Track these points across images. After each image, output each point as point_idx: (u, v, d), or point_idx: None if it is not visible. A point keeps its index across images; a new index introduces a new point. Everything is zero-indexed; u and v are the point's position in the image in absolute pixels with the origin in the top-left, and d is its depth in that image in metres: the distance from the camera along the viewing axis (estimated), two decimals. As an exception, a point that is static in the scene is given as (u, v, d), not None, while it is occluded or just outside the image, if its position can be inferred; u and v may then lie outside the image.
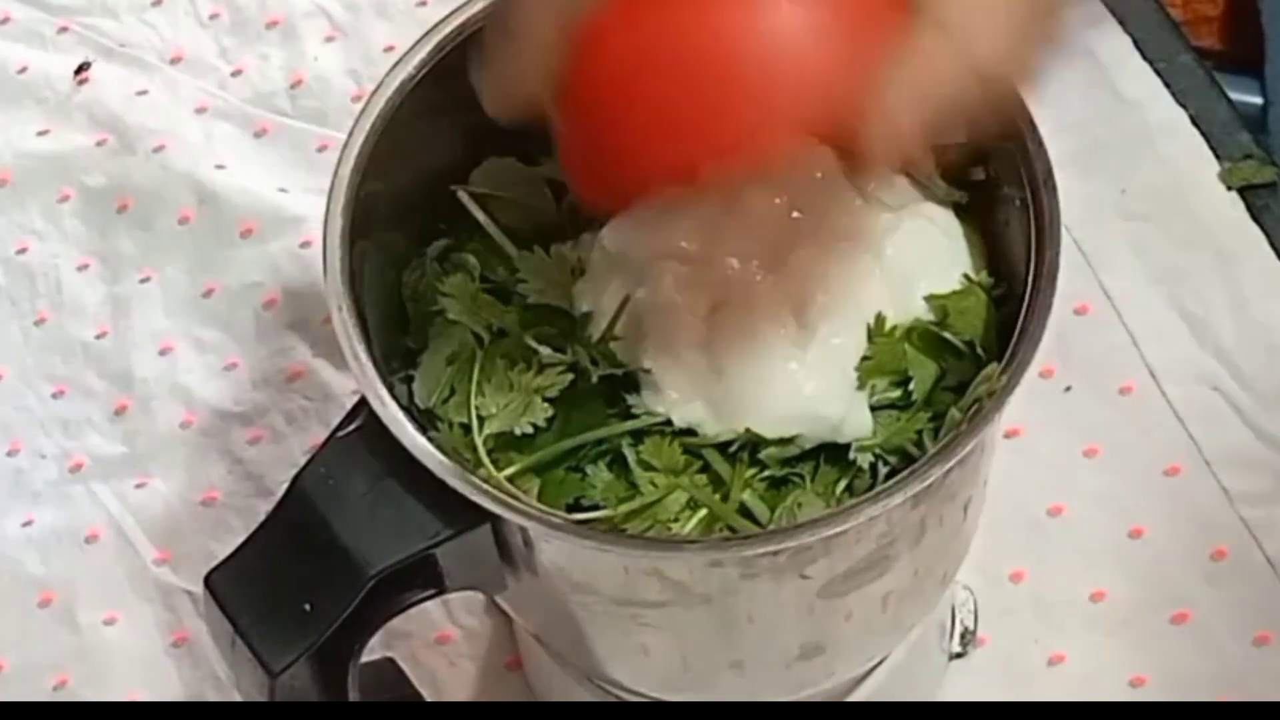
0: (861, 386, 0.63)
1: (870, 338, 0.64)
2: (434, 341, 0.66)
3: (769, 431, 0.63)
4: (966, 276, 0.66)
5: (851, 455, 0.63)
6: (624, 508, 0.62)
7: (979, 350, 0.64)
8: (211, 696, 0.84)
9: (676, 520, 0.62)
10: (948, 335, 0.64)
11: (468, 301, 0.66)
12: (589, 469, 0.63)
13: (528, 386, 0.64)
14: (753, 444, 0.63)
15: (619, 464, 0.64)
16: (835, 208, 0.65)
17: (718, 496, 0.62)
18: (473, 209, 0.69)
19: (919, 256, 0.66)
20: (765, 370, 0.63)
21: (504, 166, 0.69)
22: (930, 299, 0.65)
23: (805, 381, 0.63)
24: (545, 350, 0.65)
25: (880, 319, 0.64)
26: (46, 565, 0.88)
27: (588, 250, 0.67)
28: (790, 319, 0.63)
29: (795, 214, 0.66)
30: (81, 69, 0.99)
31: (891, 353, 0.64)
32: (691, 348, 0.64)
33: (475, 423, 0.64)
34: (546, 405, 0.64)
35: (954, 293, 0.65)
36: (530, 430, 0.64)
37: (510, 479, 0.63)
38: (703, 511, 0.62)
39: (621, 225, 0.67)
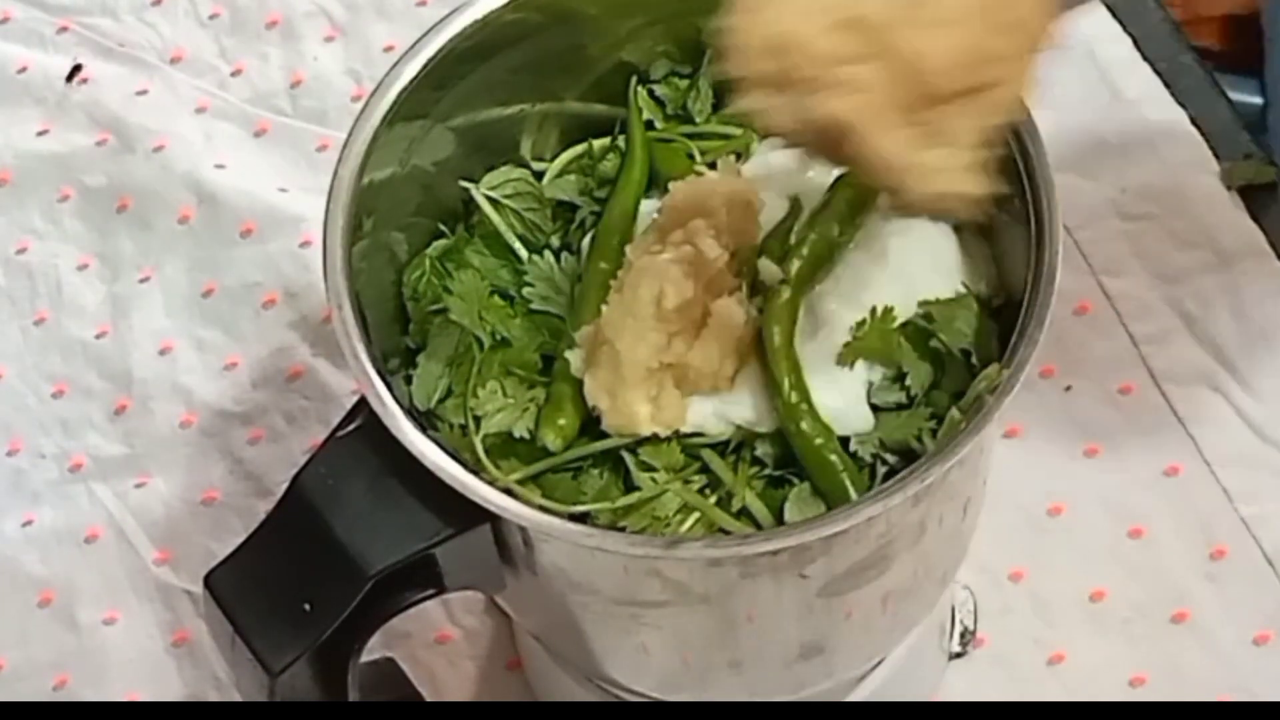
0: (842, 363, 0.63)
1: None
2: (432, 342, 0.66)
3: (768, 423, 0.63)
4: (965, 285, 0.66)
5: (852, 448, 0.63)
6: (621, 501, 0.62)
7: (974, 360, 0.64)
8: (211, 696, 0.84)
9: (669, 525, 0.62)
10: (936, 341, 0.64)
11: (474, 302, 0.66)
12: (582, 477, 0.63)
13: (523, 399, 0.64)
14: (751, 442, 0.64)
15: (615, 468, 0.64)
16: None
17: (714, 498, 0.62)
18: (486, 208, 0.69)
19: (921, 260, 0.66)
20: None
21: (514, 177, 0.69)
22: (922, 304, 0.65)
23: (807, 373, 0.63)
24: (537, 378, 0.65)
25: (887, 309, 0.64)
26: (46, 565, 0.88)
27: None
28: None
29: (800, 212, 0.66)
30: (73, 73, 0.99)
31: (882, 338, 0.64)
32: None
33: (471, 423, 0.64)
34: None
35: (943, 301, 0.65)
36: (527, 435, 0.64)
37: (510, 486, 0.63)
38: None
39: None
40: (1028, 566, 0.84)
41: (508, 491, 0.61)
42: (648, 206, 0.68)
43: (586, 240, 0.68)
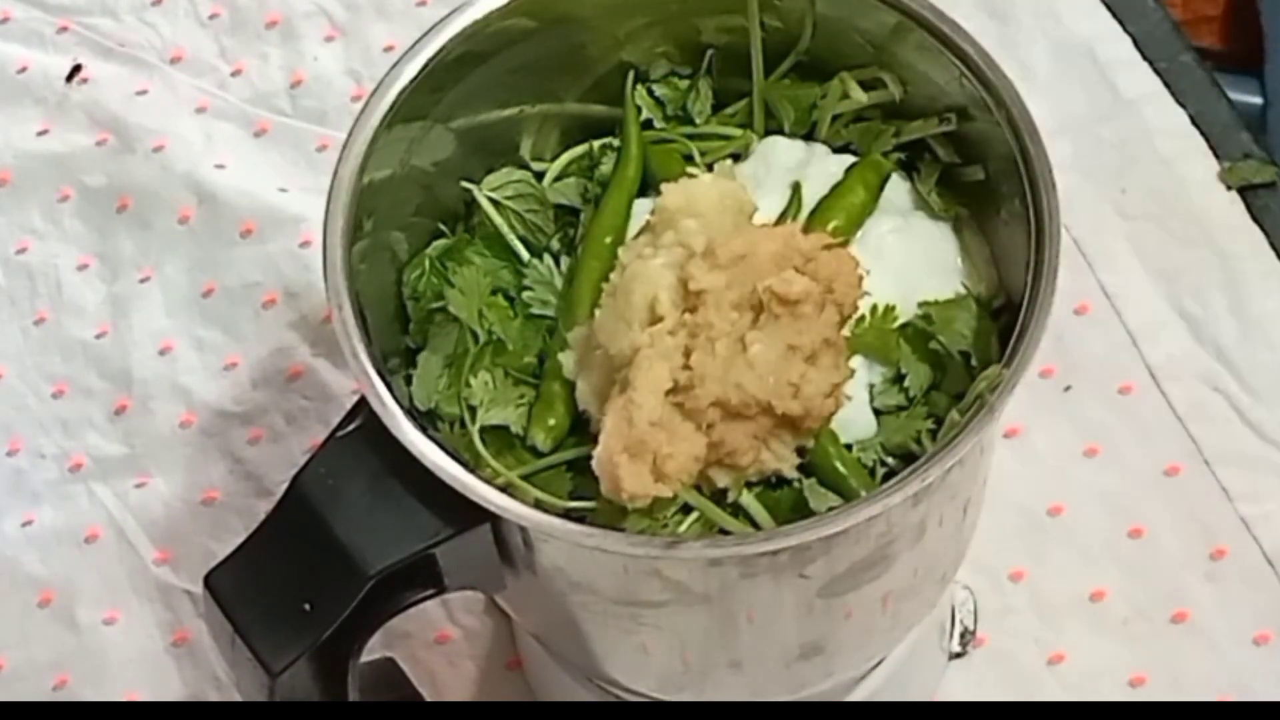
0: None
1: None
2: (432, 341, 0.66)
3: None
4: (965, 286, 0.66)
5: (854, 454, 0.63)
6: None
7: (973, 361, 0.64)
8: (211, 696, 0.84)
9: (668, 525, 0.62)
10: (935, 342, 0.64)
11: (475, 297, 0.66)
12: (574, 474, 0.64)
13: (514, 395, 0.65)
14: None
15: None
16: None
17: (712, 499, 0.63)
18: (489, 210, 0.69)
19: (920, 260, 0.66)
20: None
21: (516, 179, 0.69)
22: (921, 304, 0.65)
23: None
24: (529, 379, 0.66)
25: (888, 307, 0.64)
26: (46, 565, 0.88)
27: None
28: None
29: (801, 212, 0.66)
30: (73, 74, 0.99)
31: (880, 336, 0.64)
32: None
33: (466, 414, 0.64)
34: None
35: (942, 302, 0.65)
36: (520, 433, 0.64)
37: (509, 481, 0.63)
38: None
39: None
40: (1028, 566, 0.84)
41: (507, 488, 0.61)
42: (643, 206, 0.68)
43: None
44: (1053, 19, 0.96)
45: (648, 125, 0.70)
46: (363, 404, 0.61)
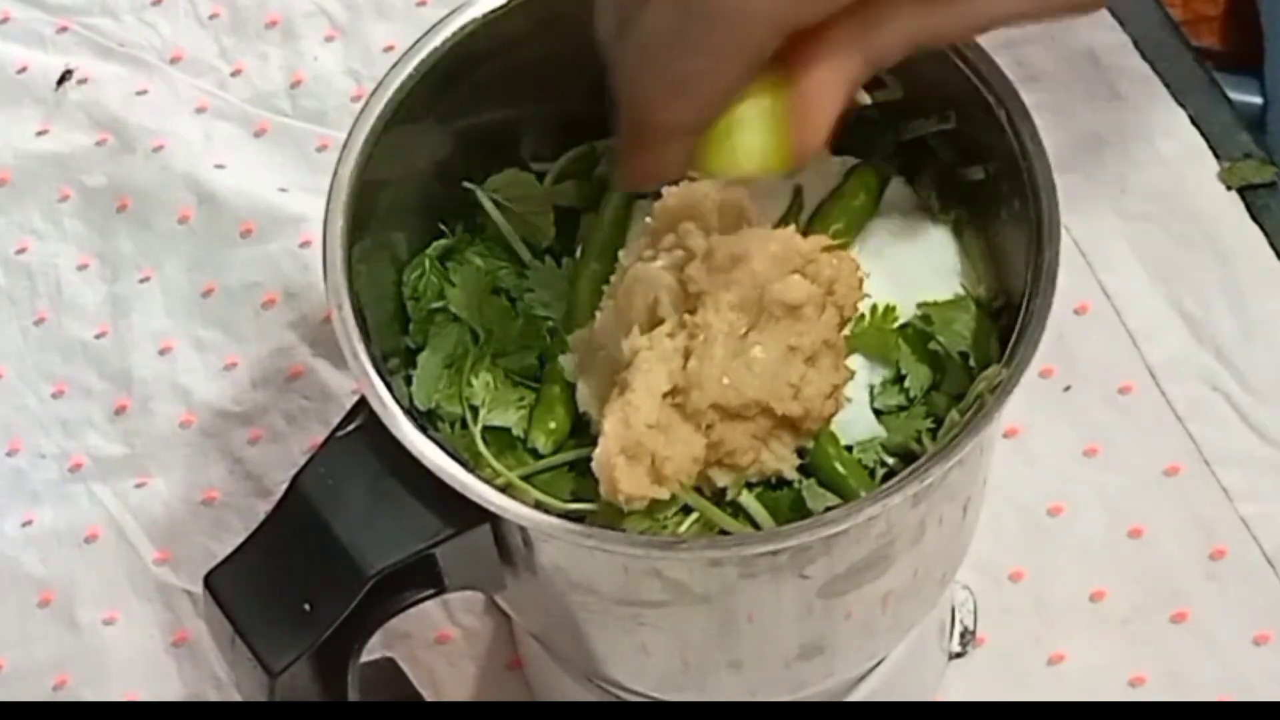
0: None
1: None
2: (432, 341, 0.66)
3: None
4: (964, 287, 0.66)
5: (855, 455, 0.63)
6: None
7: (973, 361, 0.64)
8: (211, 696, 0.84)
9: (668, 525, 0.62)
10: (935, 343, 0.64)
11: (475, 295, 0.66)
12: (576, 475, 0.64)
13: (515, 396, 0.65)
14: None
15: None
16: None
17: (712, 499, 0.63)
18: (491, 211, 0.69)
19: (920, 261, 0.66)
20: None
21: (518, 180, 0.69)
22: (920, 305, 0.65)
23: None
24: (529, 382, 0.66)
25: (888, 307, 0.64)
26: (46, 565, 0.88)
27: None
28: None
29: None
30: (63, 79, 0.99)
31: (880, 338, 0.64)
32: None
33: (469, 413, 0.64)
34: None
35: (942, 303, 0.65)
36: (521, 435, 0.64)
37: (509, 482, 0.63)
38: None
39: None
40: (1028, 566, 0.84)
41: (507, 489, 0.61)
42: (643, 208, 0.68)
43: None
44: (1053, 19, 0.96)
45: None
46: (363, 404, 0.61)
